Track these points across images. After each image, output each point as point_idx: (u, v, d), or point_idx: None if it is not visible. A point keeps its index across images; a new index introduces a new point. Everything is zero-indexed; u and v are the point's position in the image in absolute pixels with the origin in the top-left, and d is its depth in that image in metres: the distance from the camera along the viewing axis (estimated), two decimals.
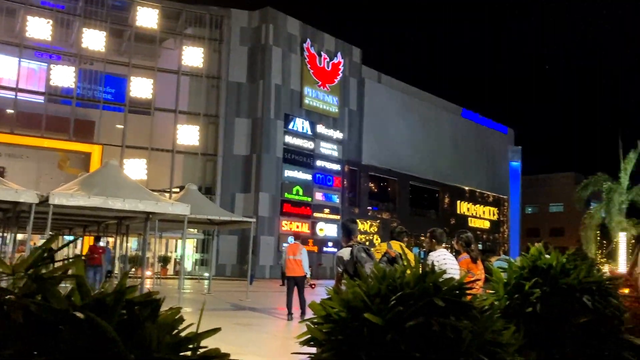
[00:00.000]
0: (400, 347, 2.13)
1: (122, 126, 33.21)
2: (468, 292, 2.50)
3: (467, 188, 52.11)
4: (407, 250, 6.00)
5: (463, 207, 51.90)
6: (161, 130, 34.34)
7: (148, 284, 22.18)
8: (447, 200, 50.27)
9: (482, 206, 54.10)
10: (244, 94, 36.21)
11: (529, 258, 3.57)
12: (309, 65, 38.11)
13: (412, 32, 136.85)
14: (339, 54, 40.36)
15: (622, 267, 22.24)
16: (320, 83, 38.78)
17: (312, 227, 37.45)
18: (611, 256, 30.86)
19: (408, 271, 2.50)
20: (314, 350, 2.44)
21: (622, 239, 25.19)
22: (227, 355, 1.53)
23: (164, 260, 31.33)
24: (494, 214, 55.47)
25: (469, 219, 51.97)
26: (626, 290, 3.95)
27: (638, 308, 3.79)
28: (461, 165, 50.51)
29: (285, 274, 12.01)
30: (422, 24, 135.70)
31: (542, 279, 3.37)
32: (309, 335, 2.45)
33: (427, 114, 47.62)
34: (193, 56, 35.02)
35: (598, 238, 32.18)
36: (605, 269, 21.78)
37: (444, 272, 2.48)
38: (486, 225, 54.37)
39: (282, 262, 12.30)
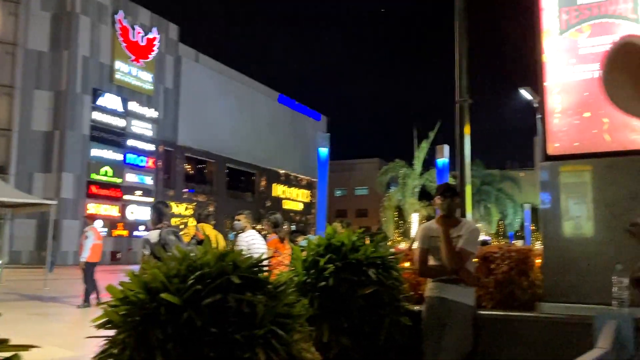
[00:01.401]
0: (196, 324, 2.22)
1: None
2: (270, 268, 2.67)
3: (282, 171, 53.70)
4: (211, 232, 6.10)
5: (278, 189, 53.45)
6: None
7: None
8: (263, 183, 51.31)
9: (296, 189, 56.27)
10: (46, 64, 32.86)
11: (325, 236, 3.88)
12: (121, 39, 35.85)
13: (231, 11, 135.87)
14: (154, 29, 38.59)
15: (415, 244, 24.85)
16: (133, 58, 36.72)
17: (123, 210, 35.64)
18: (406, 234, 34.39)
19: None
20: (112, 332, 2.42)
21: (414, 219, 28.11)
22: (6, 340, 1.47)
23: None
24: (307, 197, 58.02)
25: (284, 201, 53.75)
26: (407, 264, 4.48)
27: (415, 279, 4.34)
28: (277, 149, 51.80)
29: (85, 259, 11.63)
30: (242, 5, 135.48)
31: (335, 255, 3.70)
32: (106, 318, 2.43)
33: (245, 97, 47.89)
34: None
35: (396, 218, 35.51)
36: (402, 245, 24.18)
37: (242, 251, 2.62)
38: (299, 207, 56.70)
39: (88, 247, 11.68)
